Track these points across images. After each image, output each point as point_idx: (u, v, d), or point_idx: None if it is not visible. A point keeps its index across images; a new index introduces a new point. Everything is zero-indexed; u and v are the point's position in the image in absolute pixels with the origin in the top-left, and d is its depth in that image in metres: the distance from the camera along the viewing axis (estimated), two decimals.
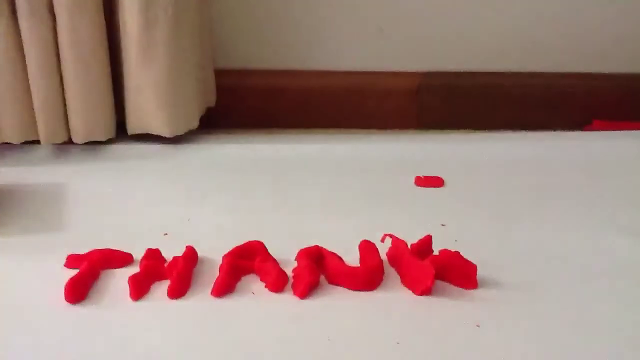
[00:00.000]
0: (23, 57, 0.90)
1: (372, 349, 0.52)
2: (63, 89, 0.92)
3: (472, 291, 0.59)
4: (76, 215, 0.77)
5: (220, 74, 1.09)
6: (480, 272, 0.61)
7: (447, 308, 0.57)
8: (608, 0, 1.13)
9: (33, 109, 0.92)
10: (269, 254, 0.64)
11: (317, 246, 0.65)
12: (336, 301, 0.59)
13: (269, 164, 0.92)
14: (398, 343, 0.52)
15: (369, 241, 0.66)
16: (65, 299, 0.58)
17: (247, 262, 0.63)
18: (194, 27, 0.97)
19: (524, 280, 0.62)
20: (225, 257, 0.64)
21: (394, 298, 0.59)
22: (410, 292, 0.59)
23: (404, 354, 0.51)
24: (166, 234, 0.71)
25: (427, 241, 0.65)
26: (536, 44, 1.15)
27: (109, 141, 0.97)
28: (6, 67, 0.90)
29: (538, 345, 0.52)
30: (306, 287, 0.59)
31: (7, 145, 0.95)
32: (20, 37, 0.89)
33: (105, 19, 0.92)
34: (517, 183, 0.87)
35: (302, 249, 0.64)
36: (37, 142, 0.94)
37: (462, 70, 1.16)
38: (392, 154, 0.95)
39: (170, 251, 0.65)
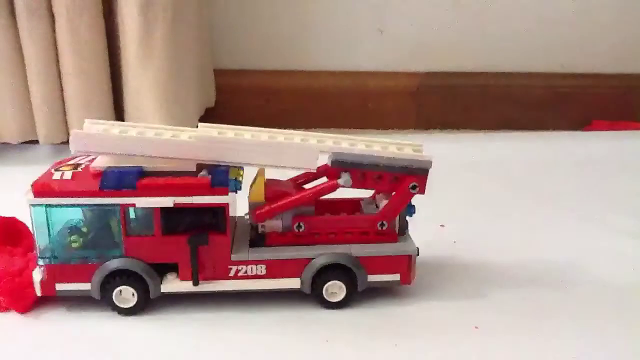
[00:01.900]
0: (22, 57, 0.90)
1: (371, 351, 0.52)
2: (62, 89, 0.92)
3: (470, 293, 0.59)
4: None
5: (219, 74, 1.09)
6: (480, 273, 0.61)
7: (445, 309, 0.57)
8: (608, 1, 1.13)
9: (32, 109, 0.92)
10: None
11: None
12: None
13: None
14: (396, 345, 0.52)
15: None
16: None
17: None
18: (193, 28, 0.97)
19: (523, 281, 0.61)
20: None
21: (392, 299, 0.59)
22: (409, 293, 0.59)
23: (402, 355, 0.51)
24: None
25: None
26: (536, 44, 1.15)
27: None
28: (5, 68, 0.90)
29: (538, 346, 0.52)
30: None
31: (7, 145, 0.95)
32: (20, 37, 0.89)
33: (105, 19, 0.92)
34: (517, 183, 0.87)
35: None
36: (36, 142, 0.94)
37: (461, 71, 1.16)
38: None
39: None
